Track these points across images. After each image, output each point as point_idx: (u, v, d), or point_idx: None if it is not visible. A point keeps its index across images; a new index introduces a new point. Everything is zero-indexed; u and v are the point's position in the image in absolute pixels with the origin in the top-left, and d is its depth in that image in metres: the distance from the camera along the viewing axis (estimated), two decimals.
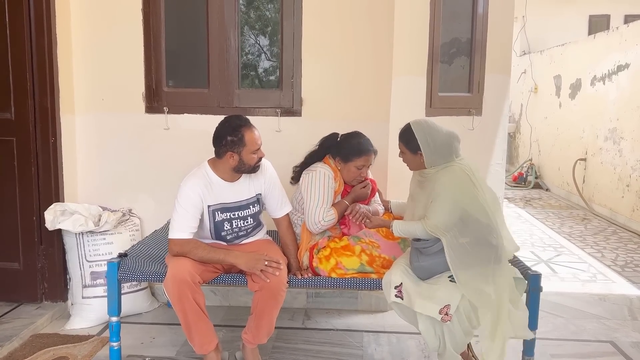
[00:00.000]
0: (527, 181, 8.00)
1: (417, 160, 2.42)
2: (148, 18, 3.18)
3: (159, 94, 3.24)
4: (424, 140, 2.35)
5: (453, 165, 2.35)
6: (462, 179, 2.31)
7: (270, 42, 3.38)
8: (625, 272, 4.12)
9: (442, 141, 2.36)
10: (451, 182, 2.30)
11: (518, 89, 8.89)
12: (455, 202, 2.27)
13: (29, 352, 2.69)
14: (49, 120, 3.06)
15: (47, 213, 2.98)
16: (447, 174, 2.33)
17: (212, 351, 2.41)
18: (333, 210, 2.58)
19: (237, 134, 2.40)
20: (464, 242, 2.24)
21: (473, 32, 3.46)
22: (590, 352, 2.85)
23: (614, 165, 5.93)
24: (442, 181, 2.31)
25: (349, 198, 2.66)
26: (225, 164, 2.46)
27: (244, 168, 2.47)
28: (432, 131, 2.37)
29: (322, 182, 2.59)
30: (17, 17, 2.97)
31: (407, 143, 2.42)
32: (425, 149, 2.35)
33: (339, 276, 2.48)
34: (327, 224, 2.57)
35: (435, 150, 2.35)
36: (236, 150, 2.41)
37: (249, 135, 2.42)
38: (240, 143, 2.40)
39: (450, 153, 2.37)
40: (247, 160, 2.44)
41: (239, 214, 2.54)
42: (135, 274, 2.50)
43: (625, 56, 5.80)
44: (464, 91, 3.52)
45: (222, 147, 2.43)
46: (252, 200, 2.58)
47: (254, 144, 2.43)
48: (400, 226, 2.43)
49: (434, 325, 2.25)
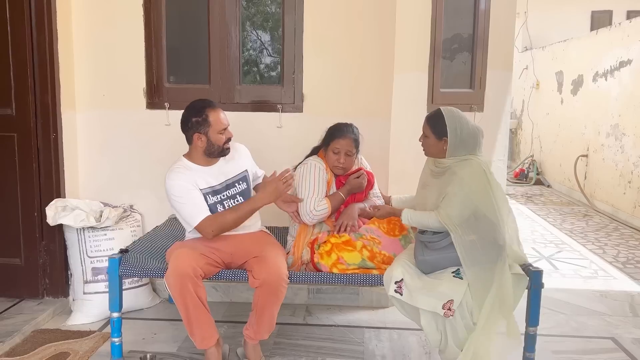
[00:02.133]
0: (528, 177, 7.99)
1: (439, 147, 2.38)
2: (149, 14, 3.17)
3: (160, 89, 3.24)
4: (453, 127, 2.33)
5: (472, 159, 2.33)
6: (479, 174, 2.29)
7: (272, 37, 3.37)
8: (626, 269, 4.12)
9: (470, 132, 2.35)
10: (470, 176, 2.28)
11: (520, 85, 8.88)
12: (470, 197, 2.26)
13: (30, 347, 2.70)
14: (50, 116, 3.05)
15: (48, 209, 2.98)
16: (466, 167, 2.30)
17: (213, 346, 2.41)
18: (326, 201, 2.60)
19: (201, 114, 2.47)
20: (473, 239, 2.23)
21: (475, 28, 3.45)
22: (592, 349, 2.85)
23: (616, 162, 5.92)
24: (460, 174, 2.29)
25: (344, 190, 2.69)
26: (196, 148, 2.51)
27: (213, 149, 2.51)
28: (462, 120, 2.36)
29: (313, 174, 2.64)
30: (18, 13, 2.96)
31: (434, 127, 2.38)
32: (452, 136, 2.32)
33: (341, 271, 2.48)
34: (319, 213, 2.59)
35: (462, 140, 2.33)
36: (202, 131, 2.47)
37: (214, 115, 2.48)
38: (205, 123, 2.46)
39: (474, 146, 2.35)
40: (215, 140, 2.49)
41: (227, 194, 2.56)
42: (136, 269, 2.50)
43: (627, 52, 5.78)
44: (465, 87, 3.51)
45: (189, 131, 2.50)
46: (237, 178, 2.61)
47: (219, 123, 2.49)
48: (411, 215, 2.38)
49: (435, 321, 2.24)
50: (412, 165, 3.13)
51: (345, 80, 3.19)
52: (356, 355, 2.73)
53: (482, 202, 2.25)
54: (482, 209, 2.24)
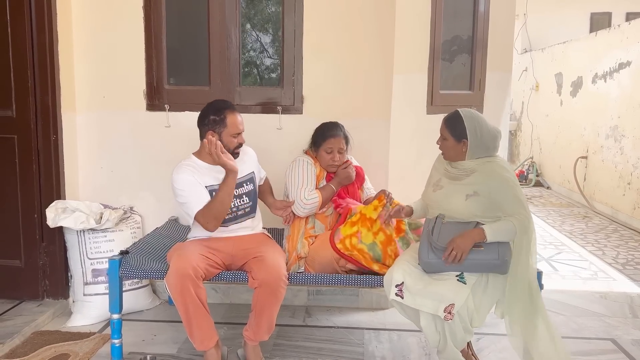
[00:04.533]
0: (528, 179, 7.99)
1: (458, 149, 2.38)
2: (149, 15, 3.17)
3: (160, 91, 3.24)
4: (472, 128, 2.33)
5: (496, 159, 2.37)
6: (511, 169, 2.35)
7: (272, 39, 3.38)
8: (626, 270, 4.12)
9: (489, 133, 2.36)
10: (508, 172, 2.33)
11: (519, 86, 8.88)
12: (519, 189, 2.30)
13: (30, 349, 2.70)
14: (50, 117, 3.06)
15: (48, 210, 2.98)
16: (499, 165, 2.34)
17: (212, 348, 2.41)
18: (316, 192, 2.66)
19: (219, 114, 2.50)
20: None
21: (474, 30, 3.46)
22: (591, 350, 2.85)
23: (615, 163, 5.93)
24: (498, 172, 2.31)
25: (334, 182, 2.74)
26: (207, 146, 2.51)
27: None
28: (480, 121, 2.37)
29: (300, 167, 2.72)
30: (18, 14, 2.97)
31: (452, 129, 2.38)
32: (472, 138, 2.33)
33: (351, 246, 2.48)
34: (310, 203, 2.63)
35: (482, 142, 2.34)
36: (217, 130, 2.50)
37: (231, 118, 2.51)
38: (221, 123, 2.50)
39: (494, 147, 2.38)
40: (227, 142, 2.51)
41: (235, 193, 2.56)
42: (136, 271, 2.51)
43: (626, 54, 5.79)
44: (465, 89, 3.52)
45: (204, 126, 2.53)
46: (245, 179, 2.63)
47: (235, 127, 2.51)
48: (495, 231, 2.24)
49: (435, 321, 2.25)
50: (412, 167, 3.14)
51: (345, 82, 3.19)
52: (356, 356, 2.73)
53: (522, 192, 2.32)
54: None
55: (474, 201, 2.30)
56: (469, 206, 2.31)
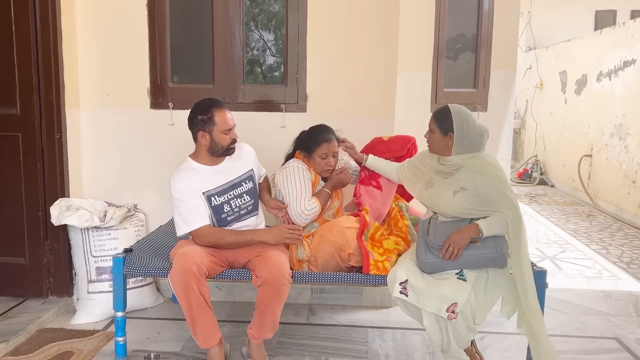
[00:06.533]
0: (532, 177, 7.96)
1: (444, 142, 2.40)
2: (153, 13, 3.18)
3: (164, 89, 3.25)
4: (460, 123, 2.35)
5: (481, 154, 2.39)
6: (497, 163, 2.38)
7: (275, 37, 3.37)
8: (630, 269, 4.10)
9: (476, 130, 2.38)
10: (493, 166, 2.35)
11: (523, 84, 8.85)
12: (507, 182, 2.33)
13: (34, 346, 2.71)
14: (54, 115, 3.07)
15: (52, 208, 2.99)
16: (483, 160, 2.36)
17: (216, 345, 2.42)
18: (315, 200, 2.62)
19: (207, 112, 2.47)
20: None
21: (479, 28, 3.45)
22: (596, 349, 2.85)
23: (620, 162, 5.90)
24: (482, 166, 2.34)
25: (328, 186, 2.71)
26: (201, 147, 2.52)
27: (216, 149, 2.50)
28: (468, 117, 2.38)
29: (296, 175, 2.64)
30: (23, 12, 2.97)
31: (440, 122, 2.40)
32: (459, 132, 2.35)
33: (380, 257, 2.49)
34: (311, 212, 2.60)
35: (467, 137, 2.36)
36: (207, 130, 2.47)
37: (220, 115, 2.48)
38: (210, 122, 2.46)
39: (479, 144, 2.39)
40: (219, 140, 2.48)
41: (234, 193, 2.56)
42: (140, 269, 2.51)
43: (631, 52, 5.76)
44: (469, 87, 3.51)
45: (194, 127, 2.51)
46: (243, 177, 2.61)
47: (224, 123, 2.48)
48: (489, 227, 2.27)
49: (438, 321, 2.24)
50: None
51: (349, 80, 3.19)
52: (360, 354, 2.73)
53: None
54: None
55: (462, 196, 2.32)
56: (457, 201, 2.32)
